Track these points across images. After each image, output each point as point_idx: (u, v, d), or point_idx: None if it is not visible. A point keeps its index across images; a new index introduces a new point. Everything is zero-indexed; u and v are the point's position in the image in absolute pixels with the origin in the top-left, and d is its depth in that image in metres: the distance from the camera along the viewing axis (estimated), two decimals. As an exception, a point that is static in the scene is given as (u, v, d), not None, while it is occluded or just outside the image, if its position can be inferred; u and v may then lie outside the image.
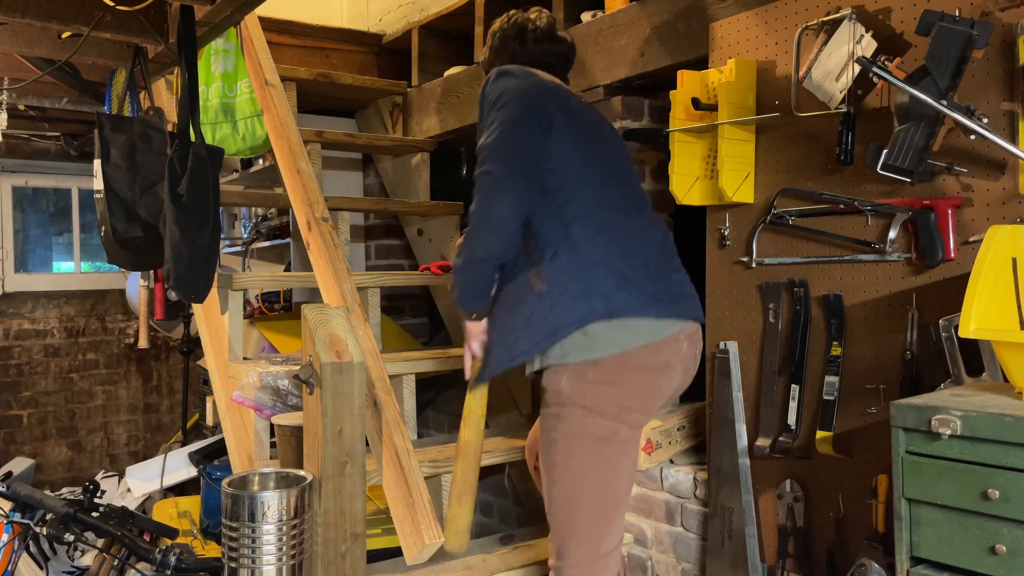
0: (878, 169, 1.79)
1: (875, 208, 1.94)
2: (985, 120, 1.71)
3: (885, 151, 1.77)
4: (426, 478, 2.29)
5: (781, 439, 2.12)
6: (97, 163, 2.61)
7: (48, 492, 3.08)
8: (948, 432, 1.39)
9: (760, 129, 2.20)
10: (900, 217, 1.89)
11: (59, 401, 5.38)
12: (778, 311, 2.14)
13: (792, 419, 2.10)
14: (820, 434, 2.03)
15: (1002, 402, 1.44)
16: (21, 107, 4.08)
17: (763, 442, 2.16)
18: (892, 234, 1.91)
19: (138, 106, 3.01)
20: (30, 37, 2.81)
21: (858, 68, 1.88)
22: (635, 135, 2.70)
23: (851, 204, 1.97)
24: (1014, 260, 1.54)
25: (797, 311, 2.10)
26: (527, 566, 2.44)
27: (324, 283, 2.52)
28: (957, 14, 1.70)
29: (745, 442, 2.21)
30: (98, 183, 2.61)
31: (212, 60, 3.04)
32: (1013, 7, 1.71)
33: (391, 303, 4.07)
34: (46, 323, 5.34)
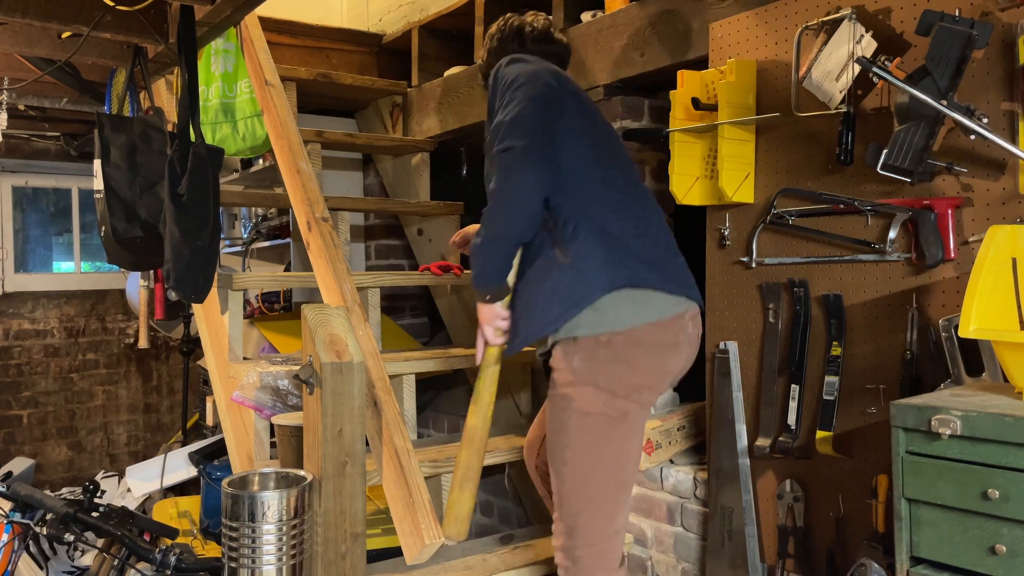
0: (878, 169, 1.79)
1: (875, 208, 1.94)
2: (985, 120, 1.70)
3: (885, 151, 1.77)
4: (426, 478, 2.29)
5: (781, 439, 2.12)
6: (97, 163, 2.61)
7: (48, 492, 3.07)
8: (948, 432, 1.39)
9: (760, 129, 2.20)
10: (900, 217, 1.89)
11: (59, 401, 5.38)
12: (778, 311, 2.14)
13: (792, 419, 2.10)
14: (820, 434, 2.03)
15: (1002, 402, 1.44)
16: (21, 107, 4.08)
17: (763, 442, 2.16)
18: (892, 234, 1.91)
19: (138, 106, 3.01)
20: (30, 37, 2.81)
21: (858, 68, 1.88)
22: (635, 135, 2.69)
23: (851, 204, 1.98)
24: (1014, 260, 1.54)
25: (797, 311, 2.10)
26: (527, 566, 2.44)
27: (324, 283, 2.52)
28: (957, 14, 1.70)
29: (745, 442, 2.21)
30: (98, 183, 2.61)
31: (212, 60, 3.04)
32: (1013, 7, 1.71)
33: (391, 303, 4.07)
34: (46, 323, 5.34)
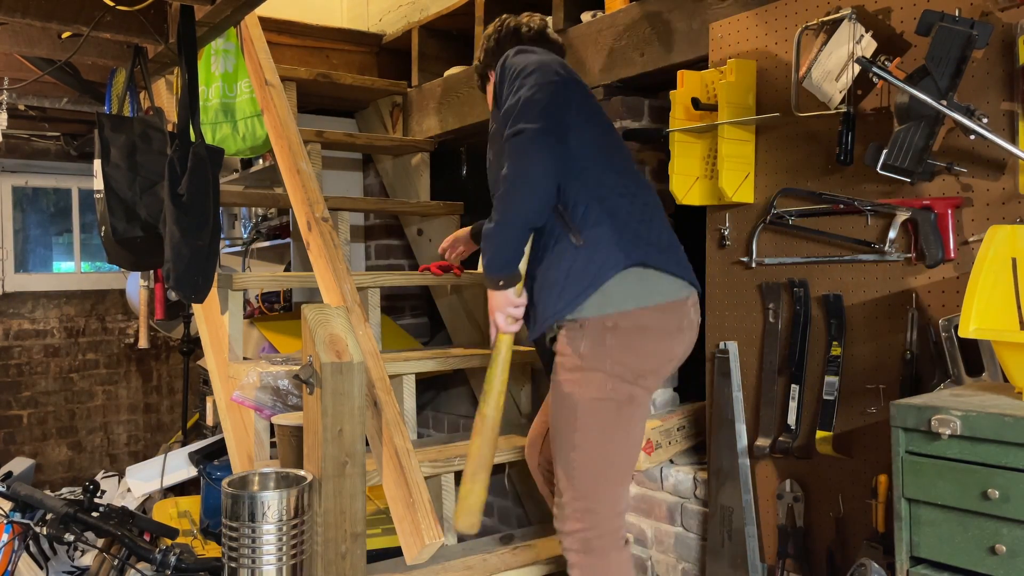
0: (878, 169, 1.79)
1: (875, 208, 1.94)
2: (985, 120, 1.70)
3: (885, 151, 1.77)
4: (426, 478, 2.29)
5: (781, 439, 2.12)
6: (97, 163, 2.61)
7: (48, 492, 3.08)
8: (948, 432, 1.39)
9: (760, 129, 2.20)
10: (900, 217, 1.89)
11: (59, 401, 5.38)
12: (778, 311, 2.14)
13: (792, 419, 2.10)
14: (820, 434, 2.03)
15: (1002, 402, 1.44)
16: (21, 107, 4.08)
17: (763, 442, 2.16)
18: (892, 234, 1.91)
19: (138, 106, 3.01)
20: (30, 37, 2.81)
21: (858, 68, 1.88)
22: (635, 135, 2.69)
23: (851, 204, 1.97)
24: (1014, 260, 1.54)
25: (797, 311, 2.10)
26: (527, 566, 2.44)
27: (324, 283, 2.52)
28: (957, 14, 1.70)
29: (745, 442, 2.21)
30: (98, 183, 2.61)
31: (212, 60, 3.04)
32: (1013, 7, 1.71)
33: (391, 303, 4.07)
34: (46, 323, 5.34)
